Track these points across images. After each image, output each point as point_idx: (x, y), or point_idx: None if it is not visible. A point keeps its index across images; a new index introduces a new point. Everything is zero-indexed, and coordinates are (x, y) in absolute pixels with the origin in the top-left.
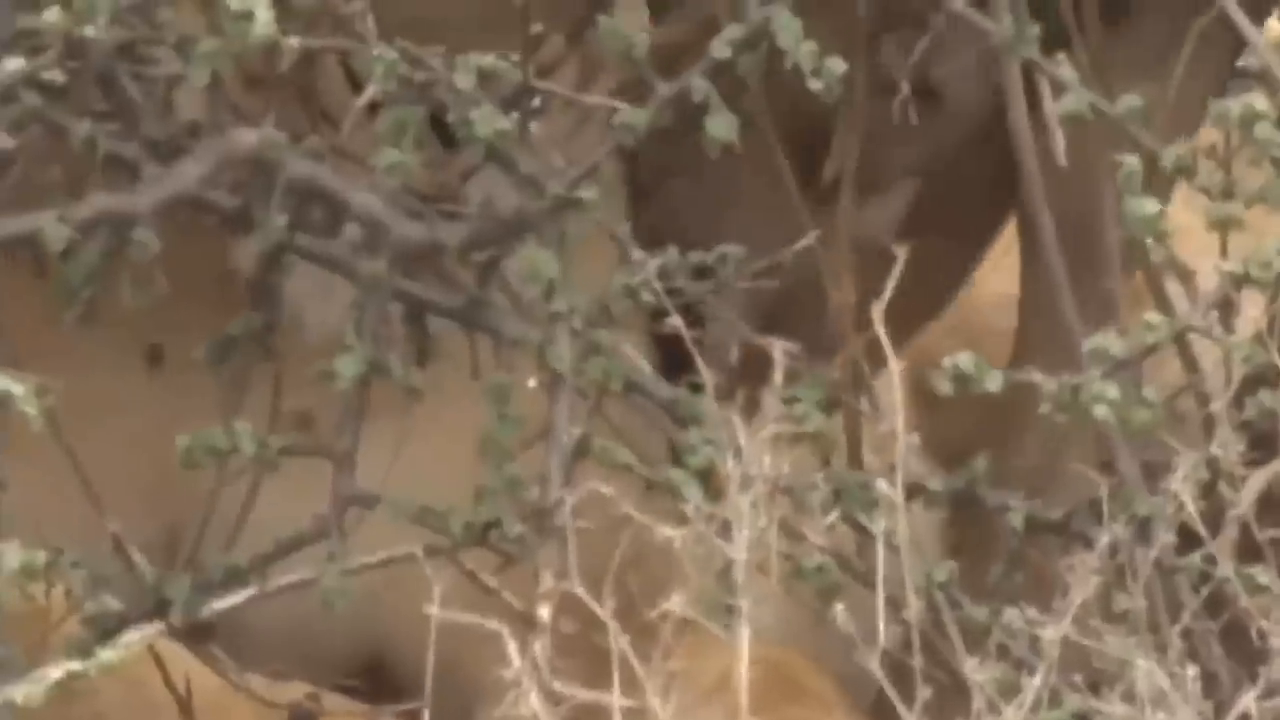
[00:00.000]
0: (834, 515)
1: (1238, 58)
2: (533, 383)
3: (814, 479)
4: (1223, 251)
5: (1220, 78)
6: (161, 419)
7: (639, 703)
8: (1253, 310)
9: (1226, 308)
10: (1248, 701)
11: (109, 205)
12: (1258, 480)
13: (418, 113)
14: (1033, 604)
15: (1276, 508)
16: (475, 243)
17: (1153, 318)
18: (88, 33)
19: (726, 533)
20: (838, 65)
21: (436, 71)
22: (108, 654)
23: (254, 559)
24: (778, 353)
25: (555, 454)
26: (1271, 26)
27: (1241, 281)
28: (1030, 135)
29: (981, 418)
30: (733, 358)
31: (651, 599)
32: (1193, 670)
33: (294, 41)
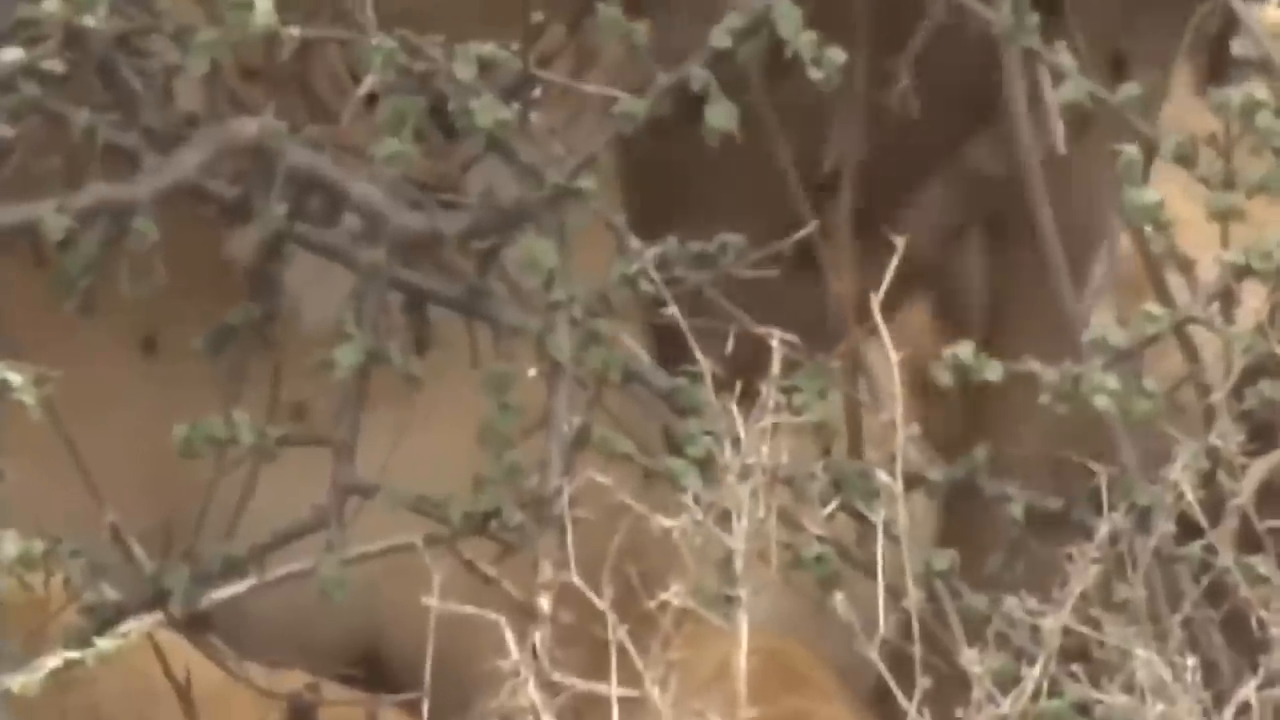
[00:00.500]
0: (834, 505)
1: None
2: (533, 372)
3: (813, 468)
4: (1224, 242)
5: None
6: (156, 408)
7: (638, 692)
8: (1254, 301)
9: (1227, 298)
10: (1248, 691)
11: (108, 194)
12: (1258, 470)
13: (418, 103)
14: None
15: (1276, 497)
16: (475, 232)
17: (1153, 308)
18: (87, 23)
19: (725, 523)
20: (838, 55)
21: (436, 61)
22: (105, 643)
23: (252, 549)
24: (776, 342)
25: (555, 443)
26: (1269, 13)
27: (1242, 272)
28: (1029, 125)
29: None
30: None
31: (649, 589)
32: (1193, 660)
33: (293, 31)
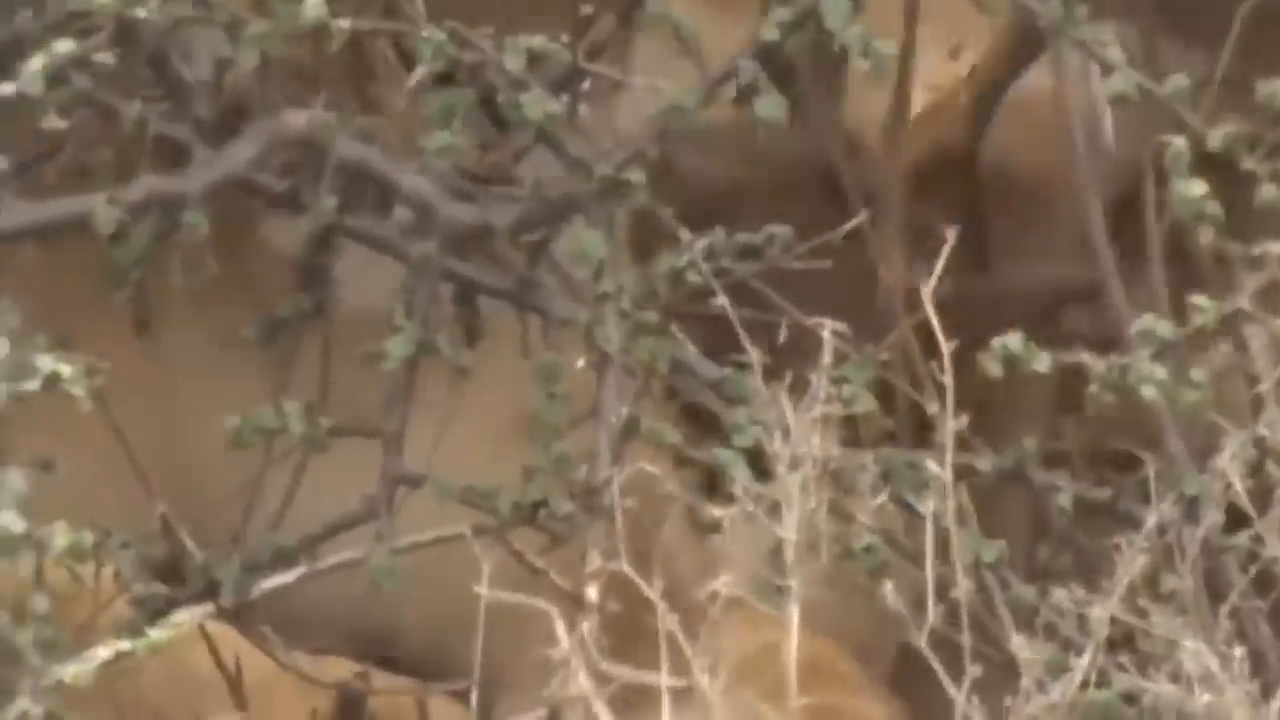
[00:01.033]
0: (883, 496)
1: None
2: (581, 363)
3: (863, 459)
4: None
5: None
6: (152, 388)
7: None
8: None
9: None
10: None
11: (159, 187)
12: None
13: (468, 95)
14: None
15: None
16: (524, 224)
17: (1201, 300)
18: (139, 14)
19: (775, 513)
20: (886, 46)
21: (486, 53)
22: (158, 634)
23: (302, 539)
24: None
25: (603, 433)
26: None
27: None
28: (1081, 118)
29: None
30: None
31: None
32: (1240, 650)
33: (344, 24)
